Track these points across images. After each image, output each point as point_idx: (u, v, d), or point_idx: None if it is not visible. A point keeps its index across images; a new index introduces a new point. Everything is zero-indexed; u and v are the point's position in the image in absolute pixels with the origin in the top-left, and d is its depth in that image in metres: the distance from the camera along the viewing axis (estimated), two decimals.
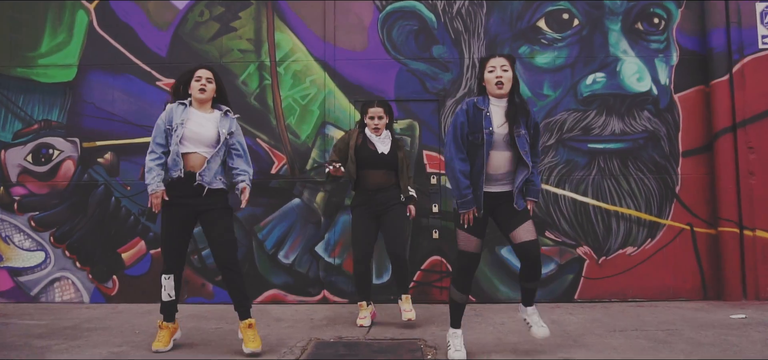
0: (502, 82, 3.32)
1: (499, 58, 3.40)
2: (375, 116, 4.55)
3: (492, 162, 3.33)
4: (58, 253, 5.68)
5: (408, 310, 4.45)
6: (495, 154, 3.33)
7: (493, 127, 3.31)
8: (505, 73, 3.34)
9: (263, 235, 5.64)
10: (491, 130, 3.30)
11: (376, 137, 4.56)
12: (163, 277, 3.75)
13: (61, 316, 4.95)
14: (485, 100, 3.40)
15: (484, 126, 3.30)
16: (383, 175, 4.51)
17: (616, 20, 5.79)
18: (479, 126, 3.32)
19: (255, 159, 5.69)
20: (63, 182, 5.72)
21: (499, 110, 3.37)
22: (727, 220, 5.49)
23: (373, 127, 4.54)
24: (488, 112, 3.34)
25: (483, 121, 3.31)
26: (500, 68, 3.35)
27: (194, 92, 3.77)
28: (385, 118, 4.57)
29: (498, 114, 3.36)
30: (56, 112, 5.79)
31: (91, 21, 5.85)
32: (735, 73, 5.60)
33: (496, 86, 3.33)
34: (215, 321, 4.72)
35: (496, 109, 3.37)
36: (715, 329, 4.22)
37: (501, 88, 3.33)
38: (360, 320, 4.51)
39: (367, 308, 4.58)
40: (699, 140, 5.68)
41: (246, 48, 5.82)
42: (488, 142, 3.29)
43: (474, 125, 3.34)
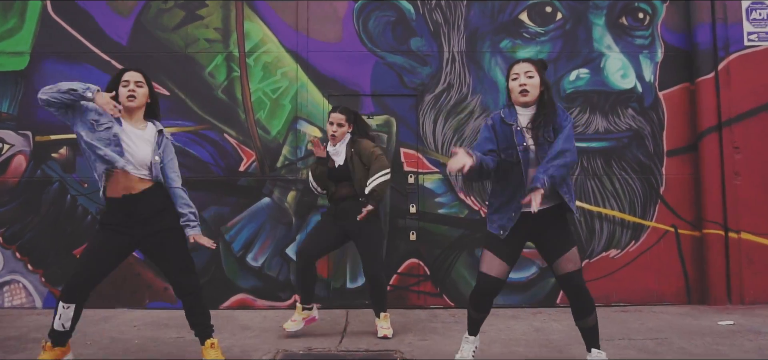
0: (527, 89, 3.02)
1: (523, 63, 3.10)
2: (334, 122, 4.23)
3: (529, 179, 2.98)
4: (9, 255, 5.27)
5: (385, 327, 4.15)
6: (532, 172, 2.98)
7: (526, 141, 3.01)
8: (531, 79, 3.04)
9: (231, 236, 5.32)
10: (526, 146, 2.99)
11: (333, 149, 4.28)
12: (61, 304, 3.04)
13: (8, 324, 4.56)
14: (512, 112, 3.09)
15: (517, 142, 3.00)
16: (345, 187, 4.21)
17: (600, 14, 5.59)
18: (511, 142, 3.02)
19: (223, 156, 5.37)
20: (14, 178, 5.31)
21: (525, 119, 3.07)
22: (712, 221, 5.33)
23: (331, 133, 4.23)
24: (517, 126, 3.04)
25: (514, 137, 3.02)
26: (524, 75, 3.05)
27: (122, 99, 3.16)
28: (345, 126, 4.24)
29: (524, 124, 3.06)
30: (6, 104, 5.37)
31: (45, 5, 5.45)
32: (721, 70, 5.44)
33: (521, 94, 3.04)
34: (176, 329, 4.39)
35: (523, 118, 3.07)
36: (705, 337, 4.04)
37: (526, 96, 3.03)
38: (288, 324, 4.17)
39: (303, 312, 4.21)
40: (684, 139, 5.52)
41: (213, 37, 5.48)
42: (525, 160, 2.98)
43: (505, 140, 3.04)
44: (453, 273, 5.35)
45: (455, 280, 5.35)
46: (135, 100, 3.19)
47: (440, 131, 5.44)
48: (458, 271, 5.35)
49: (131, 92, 3.17)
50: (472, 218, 5.38)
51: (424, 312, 5.10)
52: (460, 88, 5.48)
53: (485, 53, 5.52)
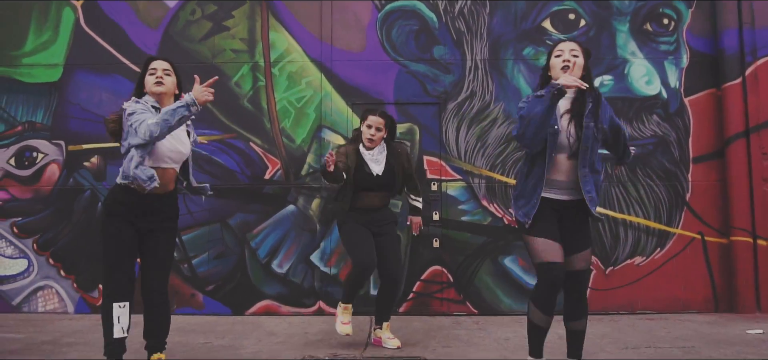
0: (569, 65, 2.81)
1: (569, 42, 2.95)
2: (373, 125, 4.01)
3: (556, 167, 2.87)
4: (42, 261, 5.44)
5: (391, 337, 4.08)
6: (560, 157, 2.86)
7: (558, 124, 2.83)
8: (576, 58, 2.84)
9: (256, 243, 5.40)
10: (556, 129, 2.80)
11: (370, 154, 4.06)
12: (115, 305, 2.93)
13: (42, 328, 4.70)
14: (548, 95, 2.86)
15: (550, 123, 2.79)
16: (379, 198, 4.08)
17: (624, 21, 5.57)
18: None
19: (248, 164, 5.47)
20: (47, 187, 5.47)
21: (565, 102, 2.87)
22: (740, 229, 5.27)
23: (368, 136, 4.01)
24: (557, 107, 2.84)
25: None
26: (569, 51, 2.85)
27: (149, 86, 3.15)
28: (383, 132, 4.06)
29: (563, 107, 2.88)
30: (41, 114, 5.55)
31: (78, 19, 5.62)
32: (748, 75, 5.38)
33: (562, 70, 2.82)
34: (204, 335, 4.47)
35: (562, 101, 2.85)
36: (733, 346, 3.99)
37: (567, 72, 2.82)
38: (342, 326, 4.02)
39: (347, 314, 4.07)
40: (710, 146, 5.47)
41: (239, 48, 5.59)
42: (552, 144, 2.81)
43: None
44: (476, 280, 5.36)
45: (478, 287, 5.36)
46: (163, 86, 3.17)
47: (463, 139, 5.47)
48: (481, 279, 5.36)
49: (159, 79, 3.16)
50: (496, 225, 5.39)
51: (448, 319, 5.11)
52: (483, 96, 5.51)
53: (508, 61, 5.54)
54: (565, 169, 2.89)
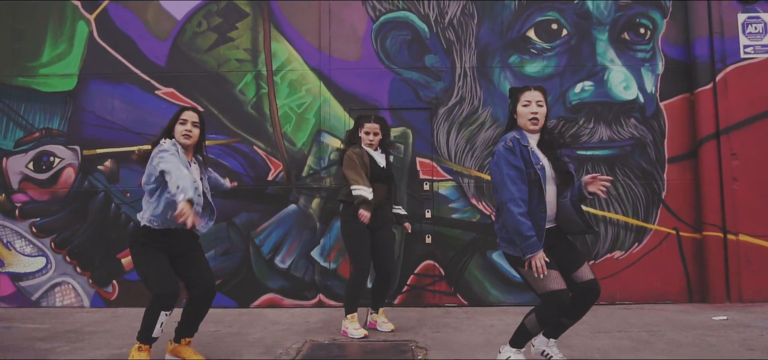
0: (538, 118, 3.14)
1: (534, 91, 3.19)
2: (371, 131, 4.47)
3: (546, 198, 3.10)
4: (59, 259, 5.80)
5: (386, 321, 4.57)
6: (548, 188, 3.12)
7: (540, 160, 3.12)
8: (541, 108, 3.15)
9: (260, 240, 5.77)
10: (541, 165, 3.10)
11: (372, 151, 4.51)
12: (162, 314, 3.39)
13: (63, 320, 5.07)
14: (521, 134, 3.18)
15: (533, 162, 3.09)
16: (382, 190, 4.47)
17: (603, 30, 5.95)
18: (529, 162, 3.10)
19: (252, 166, 5.83)
20: (64, 189, 5.84)
21: (533, 142, 3.20)
22: (711, 224, 5.65)
23: (368, 142, 4.47)
24: (533, 148, 3.15)
25: (530, 156, 3.10)
26: (535, 103, 3.15)
27: (178, 136, 3.50)
28: (380, 135, 4.52)
29: (534, 145, 3.19)
30: (57, 121, 5.92)
31: (92, 31, 5.99)
32: (718, 81, 5.76)
33: (531, 122, 3.14)
34: (213, 324, 4.84)
35: (532, 140, 3.20)
36: (696, 330, 4.37)
37: (535, 125, 3.15)
38: (357, 331, 4.33)
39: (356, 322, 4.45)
40: (684, 147, 5.85)
41: (243, 58, 5.96)
42: (543, 178, 3.07)
43: (526, 162, 3.11)
44: (466, 273, 5.73)
45: (468, 280, 5.73)
46: (190, 139, 3.52)
47: (453, 141, 5.84)
48: (471, 272, 5.73)
49: (188, 132, 3.50)
50: (484, 222, 5.76)
51: (439, 310, 5.48)
52: (472, 101, 5.88)
53: (495, 68, 5.91)
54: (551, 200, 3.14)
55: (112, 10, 6.02)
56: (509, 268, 5.69)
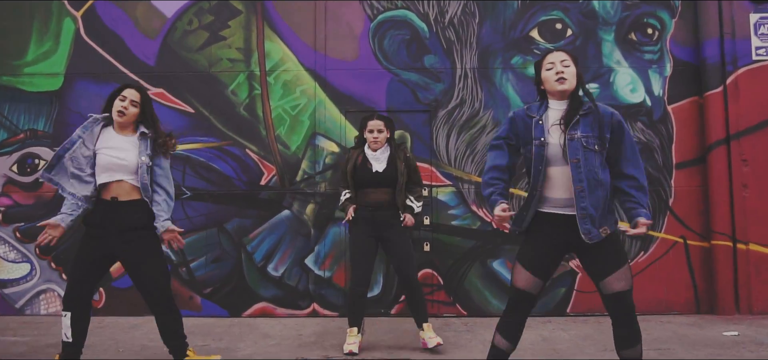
0: (565, 76, 2.76)
1: (557, 52, 2.86)
2: (374, 129, 4.29)
3: (553, 181, 2.78)
4: (44, 265, 5.60)
5: (432, 336, 4.17)
6: (555, 170, 2.77)
7: (545, 136, 2.77)
8: (567, 68, 2.78)
9: (252, 247, 5.57)
10: (542, 141, 2.76)
11: (373, 153, 4.31)
12: (62, 314, 3.30)
13: (45, 331, 4.87)
14: (542, 105, 2.88)
15: (534, 136, 2.79)
16: (382, 193, 4.27)
17: (609, 30, 5.74)
18: (529, 136, 2.83)
19: (245, 170, 5.63)
20: (49, 193, 5.63)
21: (557, 114, 2.81)
22: (720, 233, 5.44)
23: (372, 140, 4.28)
24: (541, 120, 2.81)
25: (533, 130, 2.81)
26: (560, 63, 2.79)
27: (113, 111, 3.40)
28: (385, 132, 4.32)
29: (554, 119, 2.80)
30: (42, 122, 5.70)
31: (78, 29, 5.77)
32: (729, 84, 5.55)
33: (558, 82, 2.77)
34: (201, 336, 4.64)
35: (554, 113, 2.82)
36: (708, 348, 4.18)
37: (563, 84, 2.76)
38: (348, 345, 4.13)
39: (357, 335, 4.20)
40: (692, 152, 5.64)
41: (235, 57, 5.75)
42: (538, 156, 2.77)
43: (524, 137, 2.86)
44: (466, 283, 5.53)
45: (468, 289, 5.53)
46: (123, 117, 3.39)
47: (453, 146, 5.63)
48: (471, 281, 5.53)
49: (123, 108, 3.38)
50: (484, 229, 5.56)
51: (438, 321, 5.28)
52: (473, 103, 5.67)
53: (497, 69, 5.70)
54: (563, 183, 2.76)
55: (100, 8, 5.79)
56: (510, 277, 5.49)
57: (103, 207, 3.33)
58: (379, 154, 4.32)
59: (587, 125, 2.73)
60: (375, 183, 4.28)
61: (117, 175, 3.32)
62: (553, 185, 2.78)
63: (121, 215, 3.31)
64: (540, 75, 2.90)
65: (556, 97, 2.83)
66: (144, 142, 3.43)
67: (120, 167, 3.32)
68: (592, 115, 2.75)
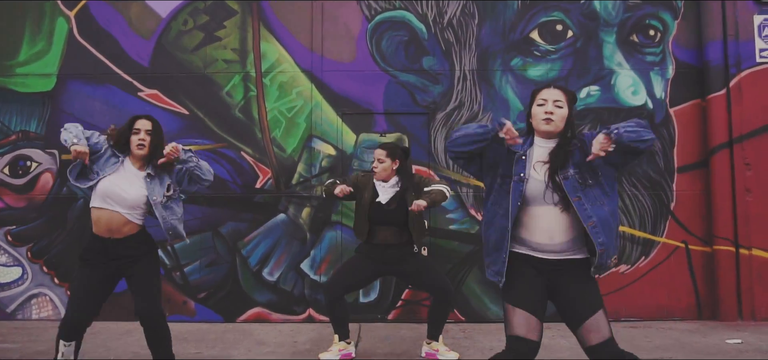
0: (552, 118, 2.56)
1: (553, 90, 2.63)
2: (375, 158, 4.02)
3: (530, 223, 2.56)
4: (36, 269, 5.51)
5: (446, 349, 4.04)
6: (534, 211, 2.55)
7: (527, 172, 2.57)
8: (559, 109, 2.57)
9: (247, 251, 5.48)
10: (522, 176, 2.55)
11: (381, 185, 4.02)
12: (61, 343, 3.10)
13: (36, 336, 4.79)
14: (526, 141, 2.66)
15: (514, 172, 2.57)
16: (393, 233, 3.94)
17: (610, 32, 5.65)
18: (508, 170, 2.60)
19: (240, 173, 5.54)
20: (41, 195, 5.54)
21: (542, 152, 2.61)
22: (722, 238, 5.36)
23: (373, 168, 4.03)
24: (523, 155, 2.60)
25: (514, 165, 2.59)
26: (552, 103, 2.58)
27: (132, 146, 3.26)
28: (386, 162, 3.97)
29: (539, 156, 2.60)
30: (34, 123, 5.62)
31: (71, 29, 5.68)
32: (732, 87, 5.46)
33: (544, 121, 2.57)
34: (195, 343, 4.56)
35: (539, 150, 2.62)
36: (711, 356, 4.09)
37: (548, 125, 2.56)
38: (323, 353, 3.99)
39: (340, 343, 3.99)
40: (695, 156, 5.55)
41: (231, 58, 5.66)
42: (516, 192, 2.53)
43: (503, 165, 2.64)
44: (464, 288, 5.45)
45: (466, 294, 5.44)
46: (144, 150, 3.26)
47: None
48: (469, 286, 5.45)
49: (142, 141, 3.25)
50: None
51: None
52: (471, 106, 5.58)
53: (496, 71, 5.61)
54: (546, 225, 2.54)
55: (94, 7, 5.70)
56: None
57: (98, 244, 3.19)
58: (387, 187, 4.03)
59: (575, 163, 2.54)
60: (383, 220, 3.95)
61: (113, 204, 3.17)
62: (529, 227, 2.57)
63: (117, 250, 3.20)
64: (532, 106, 2.68)
65: (541, 135, 2.64)
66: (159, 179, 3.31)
67: (119, 199, 3.18)
68: (578, 151, 2.56)
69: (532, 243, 2.56)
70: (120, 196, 3.17)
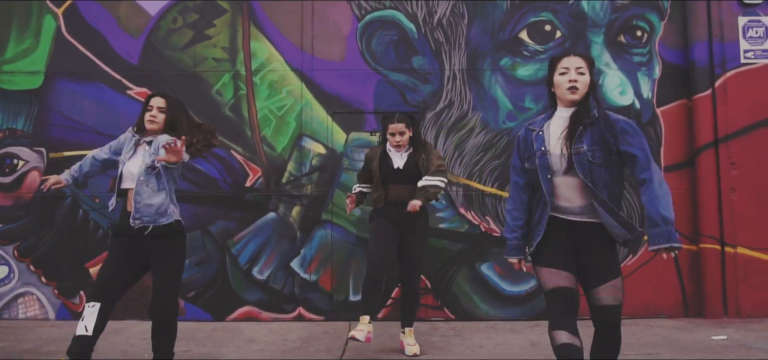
0: (577, 86, 2.66)
1: (574, 57, 2.73)
2: (396, 132, 4.20)
3: (559, 190, 2.69)
4: (23, 268, 5.46)
5: (411, 343, 4.16)
6: (560, 180, 2.68)
7: (547, 145, 2.70)
8: (582, 76, 2.68)
9: (237, 249, 5.47)
10: (544, 150, 2.69)
11: (396, 152, 4.27)
12: (86, 306, 3.10)
13: (23, 336, 4.74)
14: (546, 116, 2.80)
15: (535, 148, 2.73)
16: (405, 191, 4.17)
17: (598, 33, 5.71)
18: (531, 149, 2.75)
19: (229, 171, 5.53)
20: (28, 193, 5.50)
21: (562, 123, 2.71)
22: (708, 236, 5.43)
23: (395, 143, 4.22)
24: (541, 131, 2.74)
25: (534, 142, 2.74)
26: (575, 70, 2.68)
27: (146, 123, 3.40)
28: (408, 133, 4.23)
29: (559, 128, 2.71)
30: (21, 121, 5.57)
31: (59, 26, 5.64)
32: (717, 87, 5.54)
33: (569, 91, 2.67)
34: (185, 342, 4.54)
35: (559, 121, 2.73)
36: (696, 352, 4.15)
37: (574, 93, 2.67)
38: (354, 331, 3.86)
39: (368, 325, 3.94)
40: (681, 155, 5.62)
41: (221, 57, 5.65)
42: (543, 165, 2.68)
43: (527, 150, 2.79)
44: (453, 286, 5.47)
45: (456, 293, 5.47)
46: (154, 124, 3.39)
47: (441, 147, 5.57)
48: (459, 285, 5.47)
49: (152, 117, 3.40)
50: (473, 233, 5.50)
51: (425, 325, 5.21)
52: (461, 105, 5.61)
53: (485, 71, 5.65)
54: (570, 193, 2.67)
55: (82, 5, 5.67)
56: (499, 281, 5.47)
57: (124, 218, 3.33)
58: (402, 152, 4.29)
59: (592, 138, 2.62)
60: (398, 179, 4.23)
61: (128, 183, 3.33)
62: (559, 194, 2.69)
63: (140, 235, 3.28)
64: (552, 76, 2.79)
65: (565, 104, 2.73)
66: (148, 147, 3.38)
67: (130, 175, 3.33)
68: (597, 127, 2.63)
69: (561, 208, 2.70)
70: (130, 172, 3.32)
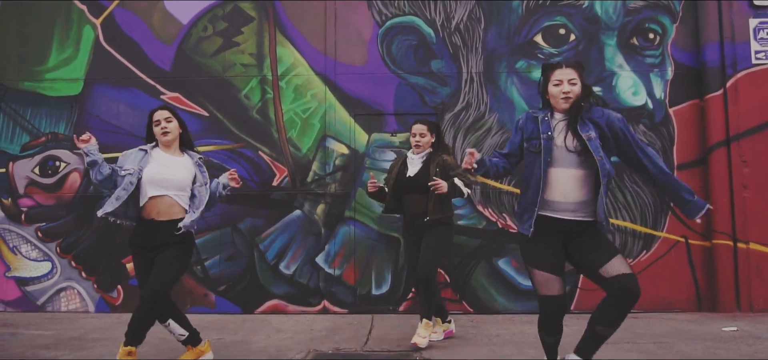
0: (570, 97, 2.89)
1: (566, 69, 2.93)
2: (417, 133, 4.38)
3: (554, 183, 2.86)
4: (65, 264, 5.81)
5: (419, 334, 4.20)
6: (557, 172, 2.86)
7: (554, 132, 2.91)
8: (574, 86, 2.90)
9: (265, 246, 5.75)
10: (550, 135, 2.89)
11: (413, 158, 4.41)
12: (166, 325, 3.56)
13: (67, 326, 5.07)
14: (547, 111, 3.02)
15: (542, 130, 2.91)
16: (419, 201, 4.27)
17: (611, 35, 5.88)
18: (536, 132, 2.94)
19: (257, 171, 5.82)
20: (69, 194, 5.84)
21: (562, 123, 2.94)
22: (721, 232, 5.57)
23: (414, 144, 4.39)
24: (546, 117, 2.95)
25: (541, 125, 2.93)
26: (568, 82, 2.90)
27: (158, 137, 3.60)
28: (428, 136, 4.38)
29: (561, 124, 2.94)
30: (63, 125, 5.92)
31: (98, 36, 5.99)
32: (729, 87, 5.68)
33: (564, 100, 2.91)
34: (217, 331, 4.82)
35: (559, 118, 2.97)
36: (706, 342, 4.31)
37: (568, 103, 2.90)
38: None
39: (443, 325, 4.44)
40: (693, 154, 5.77)
41: (248, 62, 5.94)
42: (547, 149, 2.86)
43: (530, 131, 2.98)
44: (472, 280, 5.69)
45: (474, 287, 5.68)
46: (168, 136, 3.58)
47: (459, 148, 5.79)
48: (477, 279, 5.69)
49: (164, 130, 3.57)
50: (490, 229, 5.71)
51: None
52: (478, 106, 5.83)
53: (501, 73, 5.86)
54: (567, 186, 2.85)
55: (118, 15, 6.01)
56: (516, 276, 5.66)
57: (144, 227, 3.49)
58: (417, 158, 4.40)
59: (593, 126, 2.88)
60: (409, 189, 4.34)
61: (161, 189, 3.45)
62: (553, 188, 2.85)
63: (160, 234, 3.44)
64: (546, 86, 3.00)
65: (559, 111, 2.96)
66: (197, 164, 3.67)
67: (166, 182, 3.47)
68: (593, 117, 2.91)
69: (553, 204, 2.86)
70: (168, 180, 3.47)
